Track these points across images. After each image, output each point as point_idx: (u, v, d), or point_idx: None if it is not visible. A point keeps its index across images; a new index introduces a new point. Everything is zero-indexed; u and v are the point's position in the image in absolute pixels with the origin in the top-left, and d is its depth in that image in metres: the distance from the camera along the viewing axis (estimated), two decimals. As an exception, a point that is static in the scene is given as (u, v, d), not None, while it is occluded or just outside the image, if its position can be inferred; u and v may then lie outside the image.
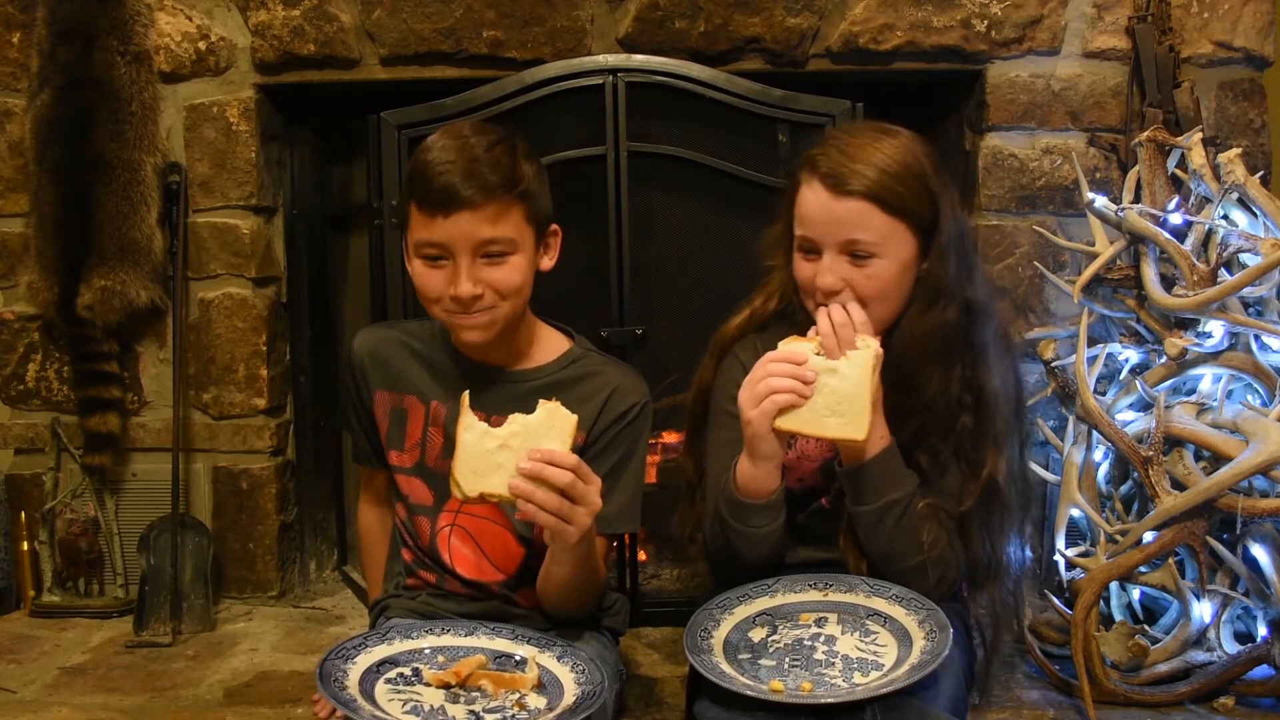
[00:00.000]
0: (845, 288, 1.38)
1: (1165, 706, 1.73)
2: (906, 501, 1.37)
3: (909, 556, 1.37)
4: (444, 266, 1.40)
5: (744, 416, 1.33)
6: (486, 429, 1.30)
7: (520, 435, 1.28)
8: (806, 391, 1.30)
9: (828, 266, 1.38)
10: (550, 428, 1.28)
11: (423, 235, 1.40)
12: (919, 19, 2.15)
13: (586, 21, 2.16)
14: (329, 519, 2.51)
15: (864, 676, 1.25)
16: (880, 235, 1.37)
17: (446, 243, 1.38)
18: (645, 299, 2.08)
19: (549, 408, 1.30)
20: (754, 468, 1.36)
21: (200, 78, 2.24)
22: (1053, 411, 2.12)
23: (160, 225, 2.23)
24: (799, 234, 1.42)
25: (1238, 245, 1.82)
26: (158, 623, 2.12)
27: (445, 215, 1.37)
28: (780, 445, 1.35)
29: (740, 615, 1.38)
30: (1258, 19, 2.17)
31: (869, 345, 1.32)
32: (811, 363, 1.31)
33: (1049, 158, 2.19)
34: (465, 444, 1.29)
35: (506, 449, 1.28)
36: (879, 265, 1.37)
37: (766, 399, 1.30)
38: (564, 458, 1.26)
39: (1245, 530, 1.76)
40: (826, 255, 1.39)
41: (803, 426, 1.31)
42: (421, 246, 1.41)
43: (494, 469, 1.28)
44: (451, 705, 1.26)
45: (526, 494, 1.25)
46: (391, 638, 1.37)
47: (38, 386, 2.32)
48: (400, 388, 1.53)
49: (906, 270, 1.40)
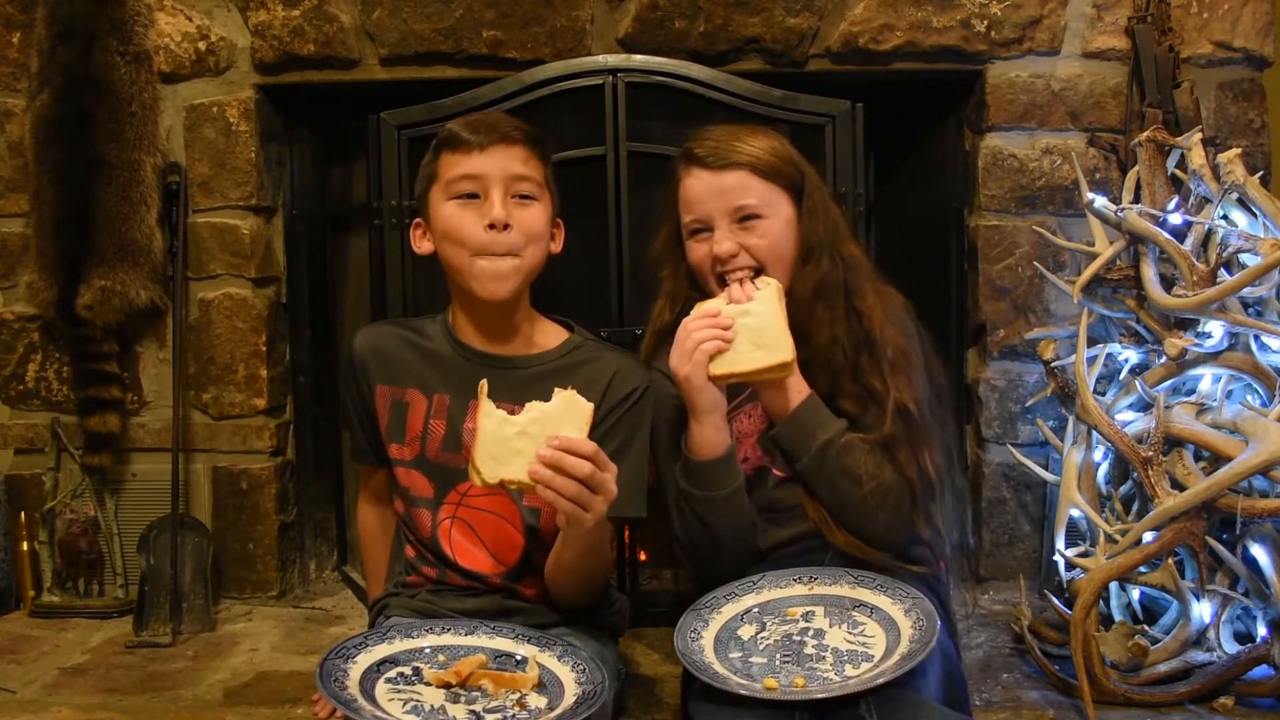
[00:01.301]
0: (741, 251, 1.52)
1: (1165, 706, 1.73)
2: (837, 440, 1.45)
3: (855, 492, 1.44)
4: (476, 205, 1.48)
5: (679, 375, 1.42)
6: (505, 416, 1.31)
7: (539, 422, 1.30)
8: (728, 335, 1.40)
9: (722, 235, 1.53)
10: (568, 415, 1.31)
11: (457, 171, 1.48)
12: (919, 19, 2.15)
13: (586, 21, 2.16)
14: (329, 519, 2.51)
15: (855, 668, 1.26)
16: (762, 198, 1.53)
17: (483, 174, 1.48)
18: (645, 299, 2.07)
19: (566, 396, 1.32)
20: (701, 425, 1.43)
21: (200, 78, 2.24)
22: (1053, 411, 2.12)
23: (160, 225, 2.23)
24: (688, 220, 1.57)
25: (1237, 245, 1.82)
26: (158, 623, 2.12)
27: (481, 149, 1.48)
28: (720, 395, 1.44)
29: (728, 614, 1.39)
30: (1257, 19, 2.17)
31: (769, 284, 1.45)
32: (726, 311, 1.42)
33: (1049, 158, 2.19)
34: (485, 430, 1.31)
35: (525, 436, 1.30)
36: (766, 225, 1.53)
37: (695, 350, 1.40)
38: (583, 446, 1.28)
39: (1245, 530, 1.76)
40: (719, 228, 1.53)
41: (734, 366, 1.40)
42: (455, 183, 1.49)
43: (513, 455, 1.30)
44: (452, 705, 1.26)
45: (546, 480, 1.27)
46: (392, 637, 1.37)
47: (38, 386, 2.32)
48: (401, 381, 1.55)
49: (789, 230, 1.55)
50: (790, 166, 1.56)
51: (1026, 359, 2.19)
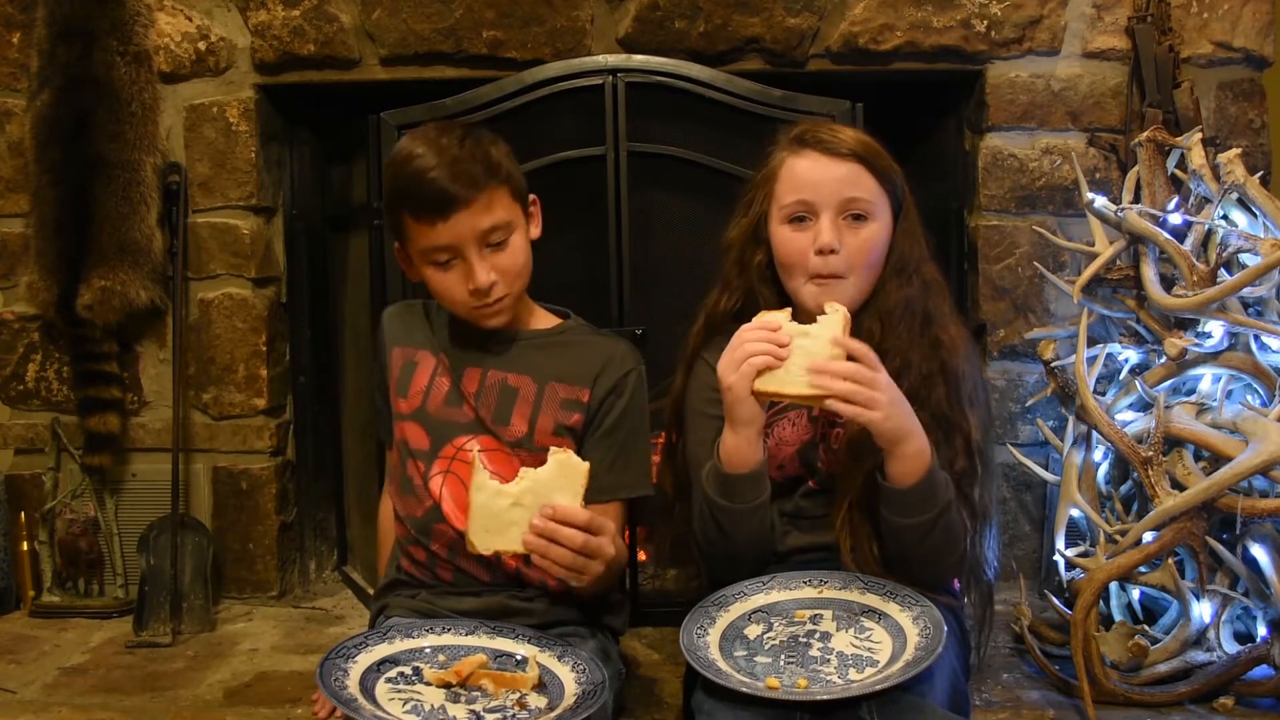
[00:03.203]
0: (843, 249, 1.44)
1: (1165, 706, 1.73)
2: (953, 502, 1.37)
3: (949, 551, 1.39)
4: (455, 267, 1.48)
5: (724, 383, 1.36)
6: (499, 488, 1.33)
7: (532, 492, 1.32)
8: (782, 354, 1.34)
9: (828, 225, 1.44)
10: (562, 480, 1.33)
11: (427, 243, 1.46)
12: (919, 19, 2.15)
13: (586, 21, 2.16)
14: (329, 519, 2.51)
15: (859, 673, 1.25)
16: (873, 195, 1.46)
17: (453, 243, 1.45)
18: (645, 299, 2.08)
19: (560, 459, 1.34)
20: (736, 436, 1.38)
21: (200, 78, 2.24)
22: (1053, 411, 2.12)
23: (160, 225, 2.23)
24: (790, 201, 1.47)
25: (1237, 245, 1.82)
26: (158, 623, 2.12)
27: (444, 219, 1.44)
28: (760, 411, 1.38)
29: (736, 612, 1.38)
30: (1257, 19, 2.17)
31: (837, 310, 1.37)
32: (785, 328, 1.36)
33: (1049, 158, 2.19)
34: (478, 505, 1.33)
35: (519, 506, 1.32)
36: (872, 229, 1.46)
37: (744, 362, 1.34)
38: (575, 515, 1.31)
39: (1245, 530, 1.76)
40: (824, 217, 1.45)
41: (780, 386, 1.34)
42: (429, 254, 1.48)
43: (507, 526, 1.32)
44: (452, 705, 1.26)
45: (541, 550, 1.31)
46: (392, 637, 1.37)
47: (38, 386, 2.32)
48: (415, 344, 1.61)
49: (885, 239, 1.48)
50: (893, 171, 1.49)
51: (1026, 359, 2.19)
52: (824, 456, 1.50)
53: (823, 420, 1.50)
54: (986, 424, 1.50)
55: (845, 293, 1.46)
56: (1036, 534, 2.22)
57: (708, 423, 1.50)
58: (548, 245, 2.22)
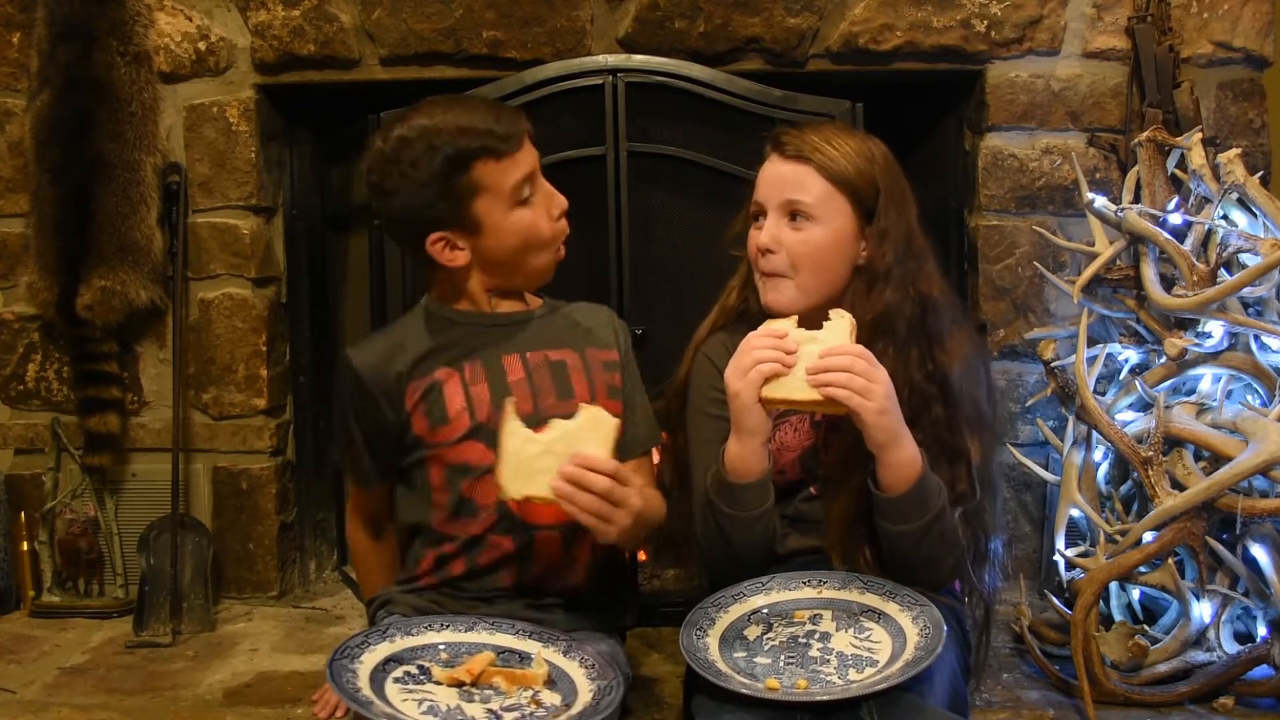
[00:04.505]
0: (781, 250, 1.46)
1: (1165, 706, 1.73)
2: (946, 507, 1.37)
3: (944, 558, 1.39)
4: (534, 201, 1.49)
5: (731, 390, 1.36)
6: (529, 434, 1.34)
7: (561, 440, 1.33)
8: (789, 360, 1.34)
9: (768, 226, 1.47)
10: (592, 432, 1.34)
11: (516, 177, 1.46)
12: (919, 19, 2.15)
13: (586, 21, 2.16)
14: (329, 519, 2.51)
15: (859, 673, 1.25)
16: (817, 199, 1.45)
17: (533, 169, 1.48)
18: (645, 299, 2.08)
19: (590, 412, 1.35)
20: (741, 445, 1.38)
21: (200, 78, 2.24)
22: (1053, 411, 2.12)
23: (160, 225, 2.23)
24: (752, 203, 1.51)
25: (1237, 245, 1.82)
26: (158, 623, 2.12)
27: (520, 147, 1.46)
28: (767, 420, 1.37)
29: (735, 613, 1.38)
30: (1257, 19, 2.17)
31: (843, 316, 1.37)
32: (792, 335, 1.36)
33: (1049, 158, 2.19)
34: (508, 450, 1.34)
35: (549, 454, 1.33)
36: (814, 231, 1.45)
37: (752, 369, 1.34)
38: (603, 463, 1.31)
39: (1245, 530, 1.76)
40: (769, 217, 1.47)
41: (788, 394, 1.34)
42: (516, 191, 1.46)
43: (537, 473, 1.32)
44: (468, 704, 1.25)
45: (568, 495, 1.30)
46: (392, 635, 1.36)
47: (38, 386, 2.32)
48: (423, 370, 1.52)
49: (842, 245, 1.46)
50: (864, 178, 1.45)
51: (1026, 359, 2.19)
52: (824, 461, 1.49)
53: (825, 426, 1.50)
54: (991, 446, 1.49)
55: (787, 292, 1.47)
56: (1036, 534, 2.22)
57: (708, 422, 1.50)
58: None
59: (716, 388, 1.46)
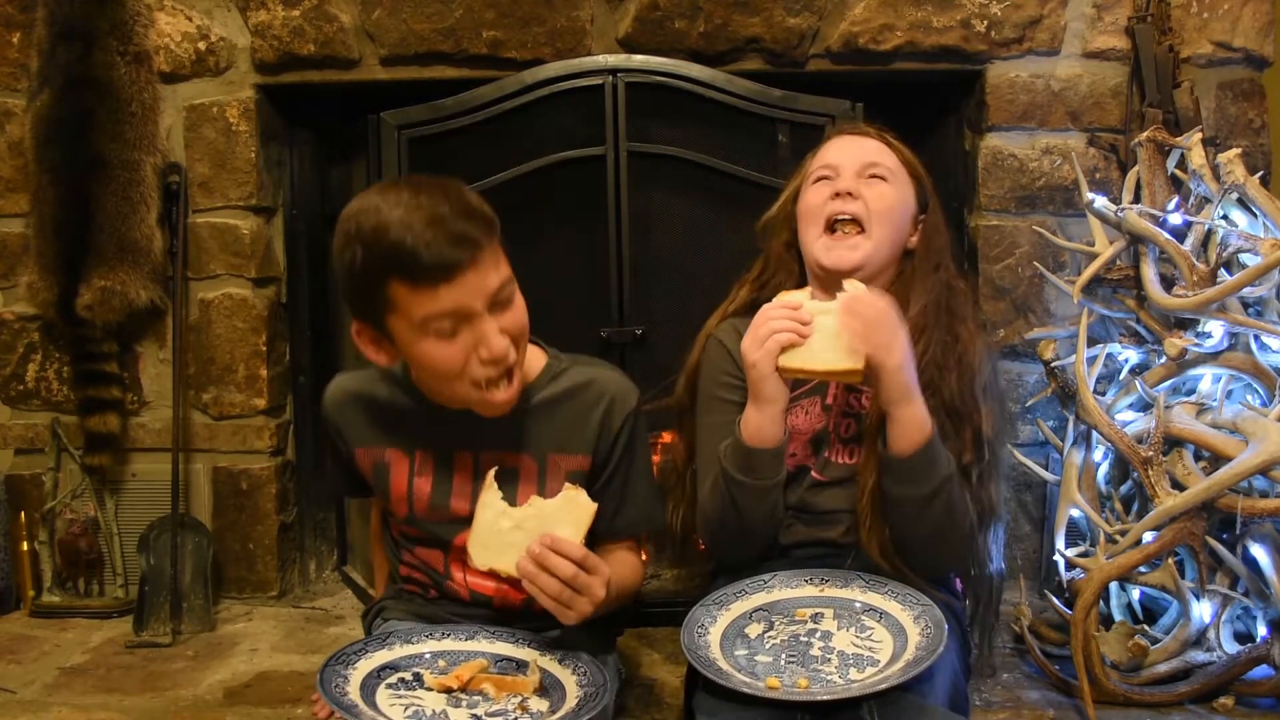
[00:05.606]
0: (860, 199, 1.51)
1: (1165, 706, 1.73)
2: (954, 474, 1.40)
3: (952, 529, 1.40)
4: (459, 337, 1.29)
5: (748, 359, 1.39)
6: (505, 509, 1.34)
7: (535, 519, 1.33)
8: (804, 330, 1.36)
9: (847, 178, 1.53)
10: (567, 514, 1.33)
11: (429, 310, 1.26)
12: (919, 19, 2.15)
13: (586, 21, 2.16)
14: (329, 519, 2.51)
15: (860, 673, 1.25)
16: (894, 166, 1.56)
17: (460, 308, 1.27)
18: (645, 299, 2.08)
19: (569, 495, 1.34)
20: (760, 413, 1.40)
21: (200, 78, 2.24)
22: (1053, 411, 2.12)
23: (160, 225, 2.23)
24: (817, 168, 1.57)
25: (1237, 245, 1.82)
26: (158, 623, 2.12)
27: (449, 282, 1.25)
28: (784, 388, 1.40)
29: (737, 611, 1.38)
30: (1257, 19, 2.17)
31: (857, 286, 1.39)
32: (807, 306, 1.38)
33: (1049, 158, 2.19)
34: (481, 521, 1.35)
35: (520, 530, 1.33)
36: (889, 189, 1.54)
37: (769, 339, 1.36)
38: (572, 548, 1.29)
39: (1245, 530, 1.76)
40: (844, 175, 1.54)
41: (804, 363, 1.36)
42: (431, 323, 1.27)
43: (506, 547, 1.33)
44: (454, 710, 1.26)
45: (530, 575, 1.29)
46: (392, 643, 1.37)
47: (38, 386, 2.32)
48: (378, 441, 1.46)
49: (907, 208, 1.56)
50: (918, 171, 1.59)
51: (1026, 359, 2.19)
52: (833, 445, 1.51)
53: (836, 410, 1.52)
54: (999, 424, 1.52)
55: (861, 248, 1.50)
56: (1036, 534, 2.22)
57: (719, 406, 1.53)
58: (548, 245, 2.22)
59: (728, 371, 1.51)
